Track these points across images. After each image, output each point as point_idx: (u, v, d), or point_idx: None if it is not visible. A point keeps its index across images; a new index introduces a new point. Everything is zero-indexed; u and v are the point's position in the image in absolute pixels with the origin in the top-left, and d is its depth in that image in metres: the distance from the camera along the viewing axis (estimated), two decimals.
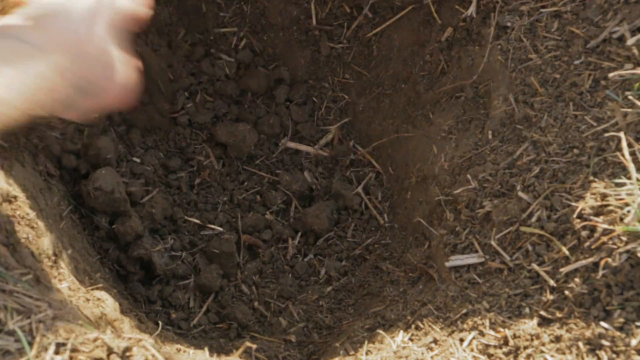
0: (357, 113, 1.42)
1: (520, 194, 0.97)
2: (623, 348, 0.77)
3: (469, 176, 1.07)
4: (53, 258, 0.99)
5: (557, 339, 0.83)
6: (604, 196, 0.89)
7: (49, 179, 1.15)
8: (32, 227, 0.95)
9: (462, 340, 0.91)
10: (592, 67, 1.02)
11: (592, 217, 0.88)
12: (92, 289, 1.05)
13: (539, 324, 0.86)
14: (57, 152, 1.23)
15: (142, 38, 1.36)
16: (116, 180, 1.23)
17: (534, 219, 0.94)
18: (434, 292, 1.02)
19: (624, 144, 0.90)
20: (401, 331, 0.99)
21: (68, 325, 0.82)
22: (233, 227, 1.35)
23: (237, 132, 1.38)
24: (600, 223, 0.86)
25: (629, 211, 0.85)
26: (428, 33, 1.31)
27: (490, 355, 0.87)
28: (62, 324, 0.82)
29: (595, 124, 0.97)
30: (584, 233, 0.88)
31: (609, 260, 0.83)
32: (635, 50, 0.99)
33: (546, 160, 0.99)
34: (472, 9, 1.27)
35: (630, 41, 1.00)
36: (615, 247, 0.83)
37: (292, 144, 1.42)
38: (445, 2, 1.28)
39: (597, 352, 0.79)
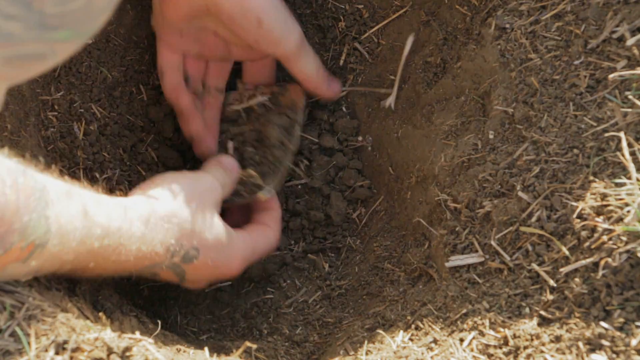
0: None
1: (520, 194, 0.97)
2: (623, 348, 0.78)
3: (469, 176, 1.07)
4: None
5: (557, 339, 0.83)
6: (604, 196, 0.89)
7: None
8: None
9: (462, 340, 0.91)
10: (592, 67, 1.02)
11: (592, 217, 0.88)
12: (92, 289, 1.05)
13: (539, 324, 0.86)
14: None
15: None
16: None
17: (534, 219, 0.94)
18: (434, 292, 1.02)
19: (624, 144, 0.90)
20: (401, 331, 0.99)
21: (68, 325, 0.82)
22: None
23: None
24: (600, 223, 0.86)
25: (629, 211, 0.85)
26: (428, 33, 1.31)
27: (490, 355, 0.87)
28: (62, 324, 0.82)
29: (595, 124, 0.97)
30: (584, 233, 0.88)
31: (609, 260, 0.83)
32: (635, 50, 0.99)
33: (546, 160, 0.99)
34: (391, 99, 1.31)
35: (630, 41, 1.00)
36: (615, 247, 0.83)
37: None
38: (445, 2, 1.28)
39: (597, 352, 0.79)
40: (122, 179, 1.28)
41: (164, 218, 1.01)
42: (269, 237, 1.23)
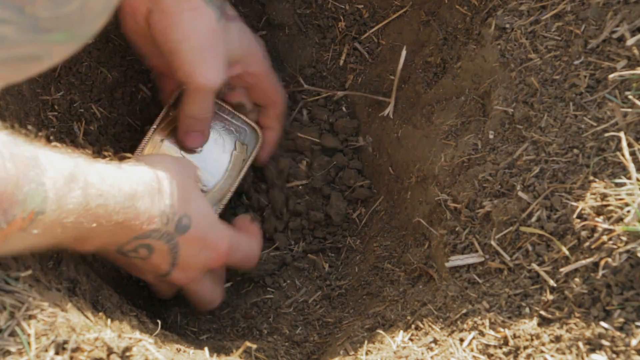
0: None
1: (520, 194, 0.97)
2: (623, 348, 0.78)
3: (469, 176, 1.07)
4: (54, 257, 0.99)
5: (557, 339, 0.83)
6: (604, 196, 0.89)
7: None
8: None
9: (462, 340, 0.91)
10: (592, 67, 1.03)
11: (592, 217, 0.88)
12: (92, 289, 1.05)
13: (539, 324, 0.86)
14: None
15: None
16: None
17: (534, 219, 0.94)
18: (434, 292, 1.02)
19: (624, 144, 0.90)
20: (401, 331, 0.99)
21: (68, 325, 0.82)
22: None
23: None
24: (600, 223, 0.86)
25: (629, 211, 0.85)
26: (428, 33, 1.31)
27: (490, 355, 0.87)
28: (62, 324, 0.82)
29: (595, 124, 0.97)
30: (584, 233, 0.88)
31: (609, 260, 0.83)
32: (635, 50, 0.99)
33: (546, 160, 0.99)
34: (389, 109, 1.31)
35: (630, 41, 1.00)
36: (615, 247, 0.83)
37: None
38: (445, 2, 1.28)
39: (597, 352, 0.79)
40: None
41: (159, 182, 1.03)
42: (252, 244, 1.24)
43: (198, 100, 1.22)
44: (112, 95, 1.31)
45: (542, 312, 0.86)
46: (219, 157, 1.30)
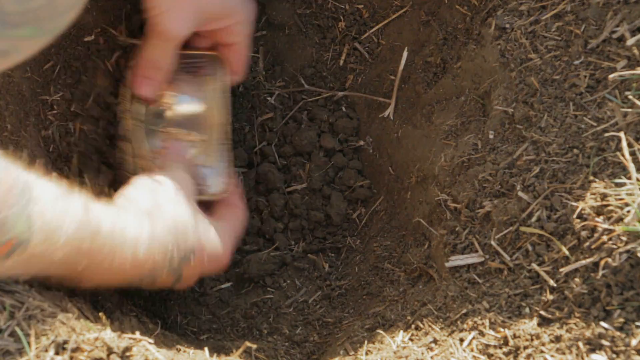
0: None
1: (520, 194, 0.97)
2: (623, 348, 0.78)
3: (469, 176, 1.07)
4: None
5: (557, 339, 0.83)
6: (604, 196, 0.89)
7: None
8: None
9: (462, 340, 0.91)
10: (592, 67, 1.03)
11: (592, 217, 0.88)
12: (92, 289, 1.05)
13: (539, 324, 0.86)
14: None
15: None
16: None
17: (534, 219, 0.94)
18: (434, 292, 1.02)
19: (624, 144, 0.90)
20: (401, 331, 0.99)
21: (68, 325, 0.82)
22: None
23: None
24: (600, 223, 0.86)
25: (629, 211, 0.85)
26: (428, 33, 1.31)
27: (490, 355, 0.87)
28: (62, 324, 0.82)
29: (595, 124, 0.97)
30: (584, 233, 0.88)
31: (609, 260, 0.83)
32: (635, 50, 0.99)
33: (546, 160, 0.99)
34: (389, 110, 1.32)
35: (630, 41, 1.00)
36: (615, 247, 0.84)
37: None
38: (445, 2, 1.28)
39: (597, 352, 0.79)
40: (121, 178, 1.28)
41: (161, 223, 1.00)
42: (240, 218, 1.24)
43: (158, 46, 1.22)
44: (111, 95, 1.31)
45: (542, 312, 0.86)
46: (202, 108, 1.27)
